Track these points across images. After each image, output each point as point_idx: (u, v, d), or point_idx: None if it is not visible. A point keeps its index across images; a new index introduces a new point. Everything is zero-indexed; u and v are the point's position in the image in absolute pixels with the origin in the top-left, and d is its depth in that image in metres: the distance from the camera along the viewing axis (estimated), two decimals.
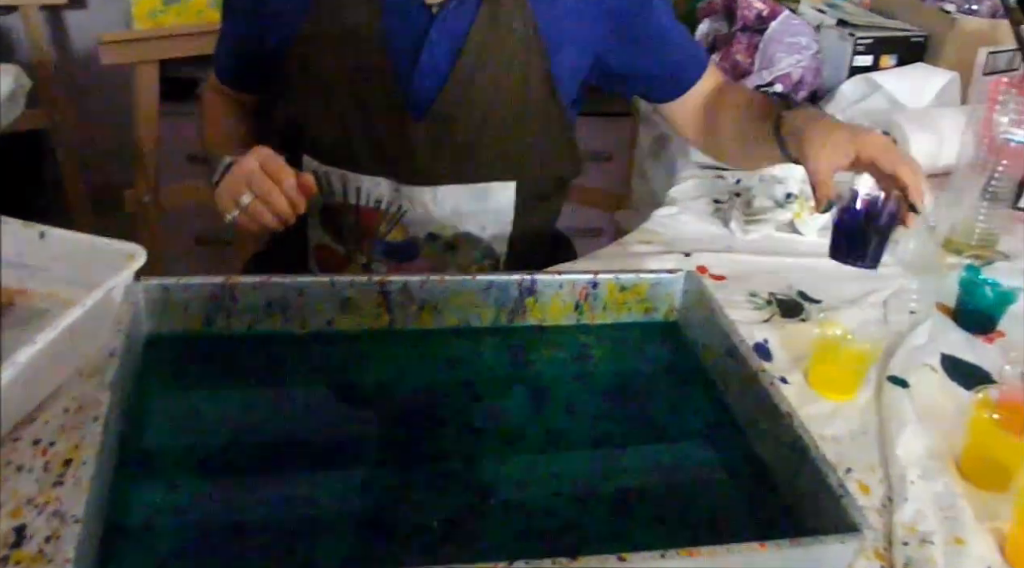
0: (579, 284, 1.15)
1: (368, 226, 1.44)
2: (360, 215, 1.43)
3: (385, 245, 1.45)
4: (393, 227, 1.43)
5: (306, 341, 1.12)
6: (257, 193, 1.26)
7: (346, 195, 1.42)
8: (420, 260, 1.46)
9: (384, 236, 1.44)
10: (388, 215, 1.42)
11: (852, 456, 1.10)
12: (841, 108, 1.95)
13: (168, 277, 1.09)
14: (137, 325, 1.07)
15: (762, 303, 1.38)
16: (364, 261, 1.48)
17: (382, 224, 1.43)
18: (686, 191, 1.70)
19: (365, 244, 1.46)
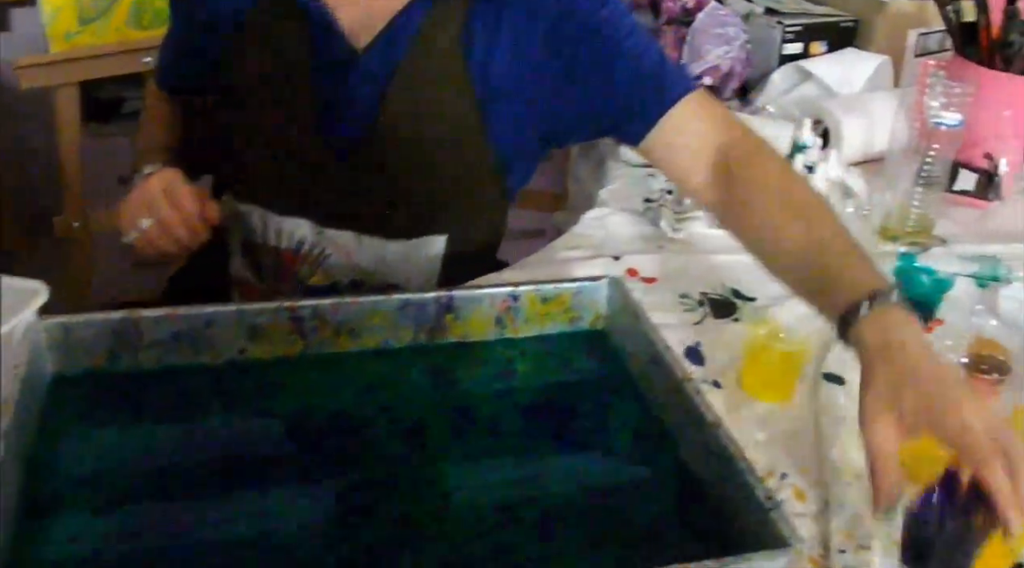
0: (499, 298, 1.11)
1: (288, 268, 1.37)
2: (280, 257, 1.37)
3: (305, 290, 1.38)
4: (314, 271, 1.37)
5: (218, 372, 1.07)
6: (156, 218, 1.21)
7: (266, 235, 1.36)
8: None
9: (305, 279, 1.37)
10: (309, 258, 1.35)
11: (787, 460, 1.07)
12: (772, 98, 1.93)
13: (70, 315, 1.04)
14: (39, 366, 1.02)
15: (694, 304, 1.35)
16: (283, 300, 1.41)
17: (303, 267, 1.37)
18: (616, 191, 1.66)
19: (285, 286, 1.39)
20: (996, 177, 1.71)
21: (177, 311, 1.05)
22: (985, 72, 1.69)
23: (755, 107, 1.92)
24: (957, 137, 1.62)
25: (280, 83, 1.28)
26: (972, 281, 1.47)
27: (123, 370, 1.06)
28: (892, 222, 1.60)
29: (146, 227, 1.22)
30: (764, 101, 1.92)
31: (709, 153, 1.22)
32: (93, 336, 1.05)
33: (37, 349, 1.02)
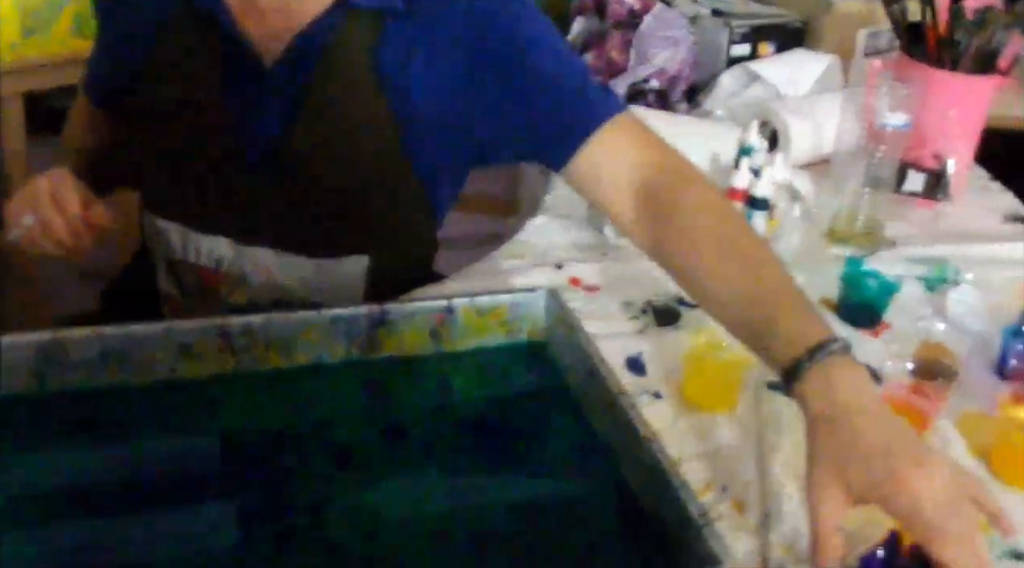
0: (434, 311, 1.09)
1: (209, 286, 1.34)
2: (200, 274, 1.33)
3: (228, 308, 1.34)
4: (235, 290, 1.33)
5: (149, 392, 1.05)
6: (39, 218, 1.19)
7: (186, 252, 1.32)
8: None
9: (226, 298, 1.34)
10: (229, 276, 1.32)
11: (728, 473, 1.06)
12: (721, 101, 1.92)
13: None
14: None
15: (637, 312, 1.33)
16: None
17: (223, 285, 1.33)
18: (561, 197, 1.64)
19: (208, 304, 1.36)
20: (945, 177, 1.70)
21: (104, 330, 1.02)
22: (932, 72, 1.68)
23: (703, 110, 1.91)
24: (904, 138, 1.61)
25: (191, 98, 1.24)
26: (920, 284, 1.47)
27: (50, 392, 1.04)
28: (840, 224, 1.59)
29: (28, 224, 1.20)
30: (712, 104, 1.91)
31: (634, 185, 1.16)
32: (18, 358, 1.02)
33: None
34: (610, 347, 1.22)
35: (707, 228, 1.10)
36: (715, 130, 1.72)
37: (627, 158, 1.17)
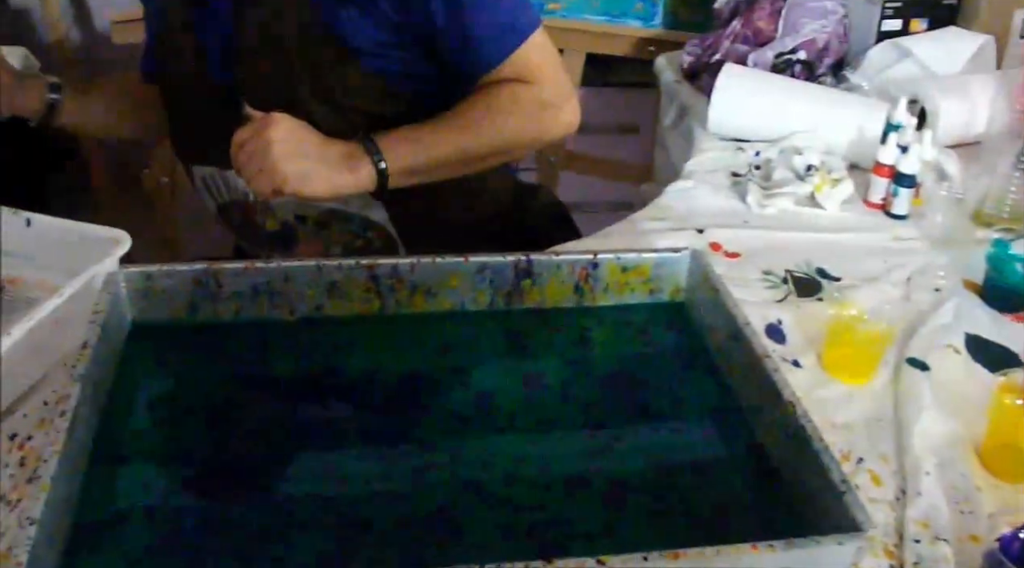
0: (579, 265, 1.10)
1: (250, 219, 1.41)
2: (243, 211, 1.41)
3: (268, 235, 1.42)
4: (266, 217, 1.39)
5: (295, 327, 1.08)
6: None
7: (227, 192, 1.40)
8: (302, 245, 1.41)
9: (263, 227, 1.41)
10: (258, 203, 1.38)
11: (865, 445, 1.05)
12: (869, 76, 1.88)
13: (151, 264, 1.05)
14: (119, 314, 1.04)
15: (777, 281, 1.32)
16: (260, 253, 1.46)
17: (258, 215, 1.40)
18: (703, 164, 1.63)
19: (254, 237, 1.44)
20: None
21: (256, 264, 1.05)
22: None
23: (850, 84, 1.87)
24: None
25: (173, 35, 1.34)
26: None
27: (201, 321, 1.07)
28: (987, 207, 1.55)
29: None
30: (859, 78, 1.87)
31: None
32: (174, 286, 1.06)
33: (118, 297, 1.03)
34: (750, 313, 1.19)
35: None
36: (861, 104, 1.68)
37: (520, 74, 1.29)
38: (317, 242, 1.41)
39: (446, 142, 1.26)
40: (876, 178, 1.54)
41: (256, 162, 1.17)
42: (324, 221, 1.38)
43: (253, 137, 1.17)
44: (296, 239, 1.41)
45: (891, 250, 1.44)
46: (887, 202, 1.53)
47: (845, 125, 1.65)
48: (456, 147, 1.27)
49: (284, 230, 1.40)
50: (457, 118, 1.27)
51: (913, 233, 1.49)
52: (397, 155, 1.23)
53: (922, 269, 1.39)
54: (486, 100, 1.28)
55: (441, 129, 1.26)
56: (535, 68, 1.30)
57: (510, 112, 1.28)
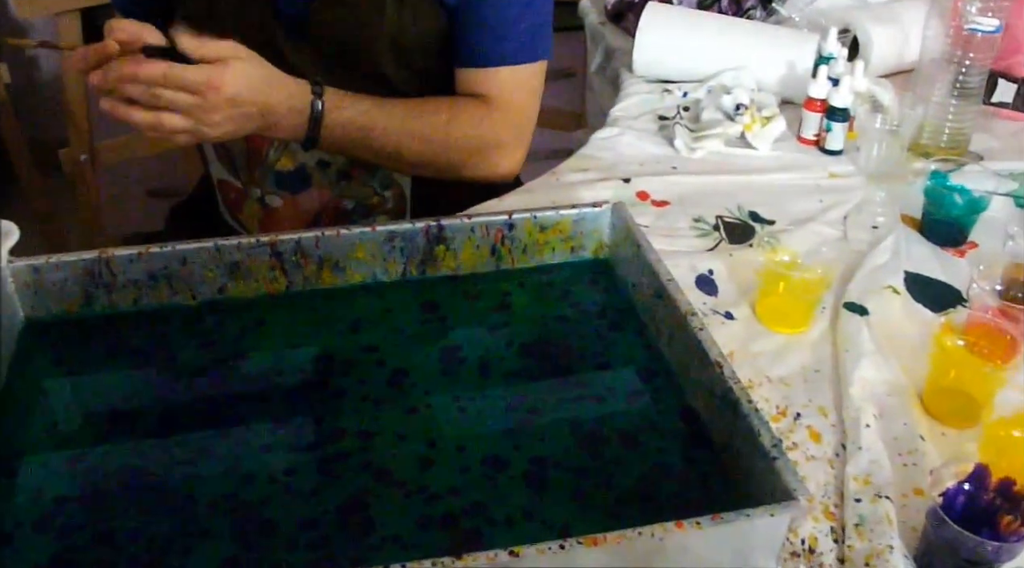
0: (493, 227, 1.04)
1: (257, 154, 1.34)
2: (249, 142, 1.33)
3: (276, 175, 1.35)
4: (281, 154, 1.33)
5: (197, 312, 1.02)
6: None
7: None
8: (313, 190, 1.35)
9: (273, 165, 1.34)
10: (275, 140, 1.32)
11: (803, 398, 1.00)
12: (799, 7, 1.82)
13: (39, 256, 0.98)
14: (9, 312, 0.97)
15: (708, 229, 1.26)
16: (259, 194, 1.38)
17: (270, 151, 1.33)
18: (629, 109, 1.57)
19: (257, 174, 1.36)
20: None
21: (151, 249, 0.99)
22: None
23: (780, 16, 1.81)
24: (995, 44, 1.51)
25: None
26: (1009, 200, 1.38)
27: (98, 313, 1.01)
28: (924, 137, 1.50)
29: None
30: (789, 10, 1.81)
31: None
32: (65, 279, 0.99)
33: (6, 295, 0.96)
34: (679, 265, 1.16)
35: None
36: (791, 37, 1.62)
37: (497, 95, 1.28)
38: (329, 191, 1.36)
39: (393, 122, 1.23)
40: (808, 113, 1.48)
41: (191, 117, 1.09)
42: (346, 171, 1.34)
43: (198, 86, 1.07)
44: (307, 184, 1.35)
45: (826, 188, 1.39)
46: (820, 138, 1.48)
47: (775, 60, 1.59)
48: (400, 134, 1.23)
49: (298, 171, 1.34)
50: (415, 109, 1.25)
51: (849, 169, 1.44)
52: (338, 106, 1.19)
53: (859, 206, 1.35)
54: (452, 109, 1.27)
55: (396, 109, 1.23)
56: (512, 98, 1.30)
57: (464, 133, 1.27)
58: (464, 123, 1.26)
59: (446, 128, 1.25)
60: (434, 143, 1.25)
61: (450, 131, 1.25)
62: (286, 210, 1.38)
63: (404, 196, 1.38)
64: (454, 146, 1.26)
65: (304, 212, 1.37)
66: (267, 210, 1.39)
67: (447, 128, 1.25)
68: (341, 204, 1.37)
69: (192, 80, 1.07)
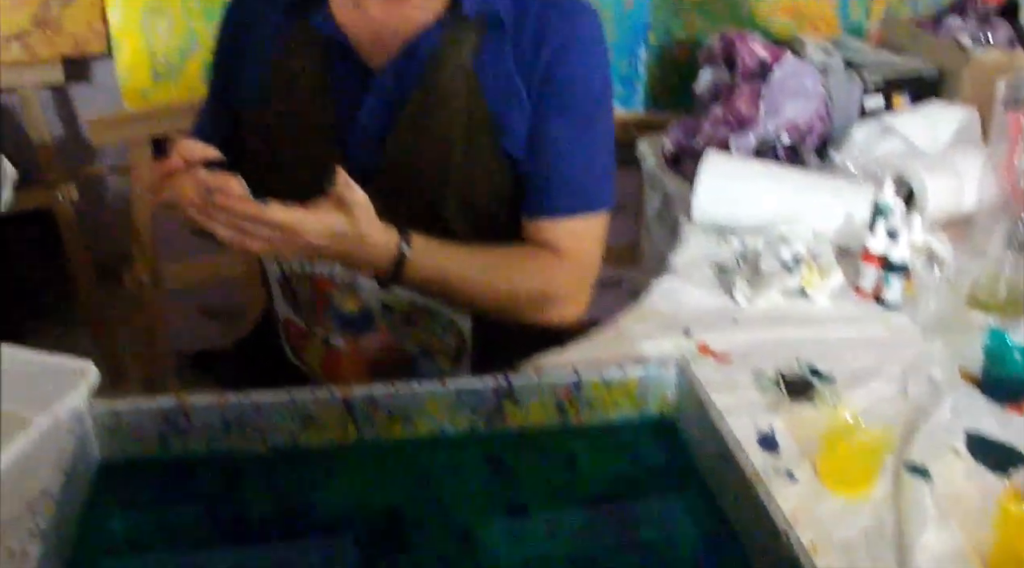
0: (560, 385, 1.07)
1: (323, 296, 1.38)
2: (314, 284, 1.37)
3: (340, 317, 1.39)
4: (346, 298, 1.36)
5: (268, 459, 1.04)
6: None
7: (300, 263, 1.37)
8: (376, 333, 1.38)
9: (338, 307, 1.38)
10: (341, 285, 1.35)
11: (866, 563, 1.00)
12: (854, 155, 1.85)
13: (119, 400, 1.02)
14: (86, 453, 1.00)
15: (769, 384, 1.28)
16: (322, 335, 1.41)
17: (336, 293, 1.37)
18: (688, 257, 1.60)
19: (322, 316, 1.40)
20: None
21: (228, 398, 1.02)
22: None
23: (835, 164, 1.84)
24: None
25: (302, 110, 1.32)
26: None
27: (172, 456, 1.03)
28: (981, 290, 1.52)
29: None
30: (844, 158, 1.85)
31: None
32: (142, 422, 1.02)
33: (84, 436, 1.00)
34: (741, 420, 1.18)
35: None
36: (847, 188, 1.66)
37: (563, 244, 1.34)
38: (392, 334, 1.39)
39: (468, 271, 1.28)
40: (866, 266, 1.50)
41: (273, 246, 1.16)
42: (409, 315, 1.37)
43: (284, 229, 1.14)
44: (371, 327, 1.39)
45: (884, 342, 1.40)
46: (878, 290, 1.50)
47: (832, 210, 1.62)
48: (474, 282, 1.29)
49: (362, 314, 1.38)
50: (489, 258, 1.31)
51: (906, 322, 1.45)
52: (423, 253, 1.24)
53: (917, 361, 1.35)
54: (523, 259, 1.34)
55: (473, 258, 1.30)
56: (579, 248, 1.36)
57: (534, 284, 1.33)
58: (534, 274, 1.32)
59: (517, 278, 1.30)
60: (505, 292, 1.30)
61: (521, 281, 1.31)
62: (349, 352, 1.41)
63: (464, 340, 1.40)
64: (524, 295, 1.31)
65: (367, 354, 1.40)
66: (330, 351, 1.42)
67: (518, 278, 1.30)
68: (403, 347, 1.39)
69: (278, 220, 1.12)
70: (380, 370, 1.41)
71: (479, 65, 1.30)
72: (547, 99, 1.32)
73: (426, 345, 1.39)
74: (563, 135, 1.33)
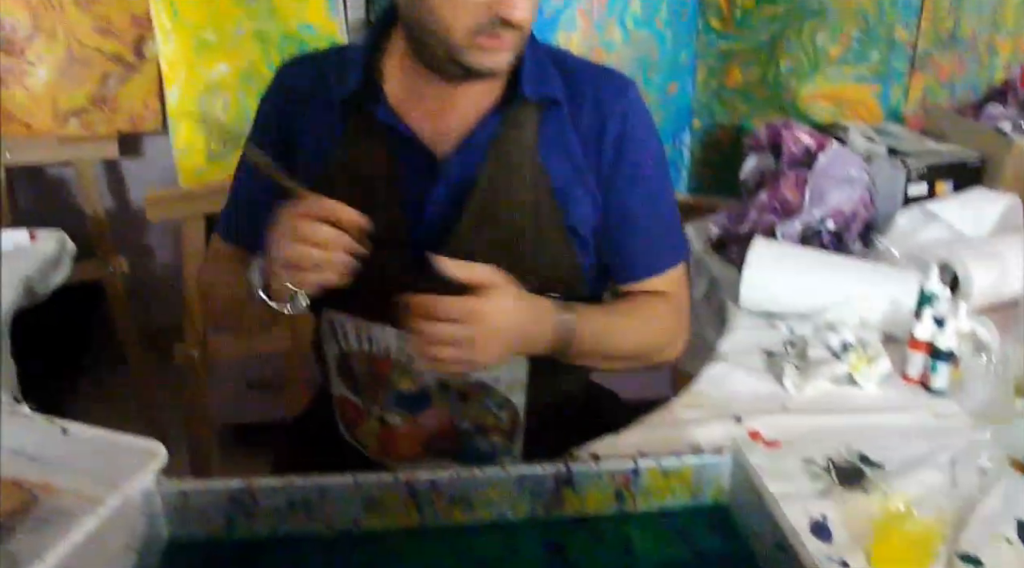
0: (619, 472, 1.09)
1: (380, 375, 1.40)
2: (372, 363, 1.40)
3: (397, 395, 1.41)
4: (403, 377, 1.39)
5: (332, 543, 1.06)
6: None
7: (359, 343, 1.39)
8: (433, 410, 1.41)
9: (396, 385, 1.40)
10: (399, 364, 1.38)
11: None
12: (897, 241, 1.88)
13: (186, 480, 1.05)
14: (155, 532, 1.03)
15: (820, 471, 1.29)
16: (378, 413, 1.43)
17: (394, 373, 1.39)
18: (736, 343, 1.63)
19: (379, 394, 1.42)
20: None
21: (294, 481, 1.05)
22: None
23: (879, 250, 1.87)
24: None
25: (367, 200, 1.30)
26: None
27: (238, 537, 1.06)
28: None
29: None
30: (889, 244, 1.88)
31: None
32: (209, 503, 1.05)
33: (154, 516, 1.02)
34: (793, 508, 1.18)
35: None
36: (893, 275, 1.68)
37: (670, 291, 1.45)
38: (448, 411, 1.41)
39: (626, 329, 1.38)
40: (913, 353, 1.52)
41: (463, 348, 1.17)
42: (465, 392, 1.40)
43: (466, 316, 1.16)
44: (427, 404, 1.41)
45: (933, 429, 1.41)
46: (926, 377, 1.51)
47: (878, 297, 1.64)
48: (630, 338, 1.38)
49: (419, 393, 1.40)
50: (628, 310, 1.41)
51: (954, 409, 1.47)
52: (584, 318, 1.31)
53: (966, 449, 1.36)
54: (650, 307, 1.42)
55: (618, 314, 1.40)
56: (681, 293, 1.47)
57: (662, 328, 1.43)
58: (662, 318, 1.42)
59: (654, 325, 1.41)
60: (643, 340, 1.39)
61: (656, 327, 1.41)
62: (405, 429, 1.43)
63: (518, 416, 1.42)
64: (656, 340, 1.42)
65: (423, 432, 1.43)
66: (385, 429, 1.44)
67: (655, 325, 1.41)
68: (458, 424, 1.42)
69: (458, 310, 1.16)
70: (435, 448, 1.43)
71: (542, 147, 1.35)
72: (622, 170, 1.38)
73: (481, 422, 1.42)
74: (646, 199, 1.41)
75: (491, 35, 1.23)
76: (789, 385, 1.48)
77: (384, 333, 1.37)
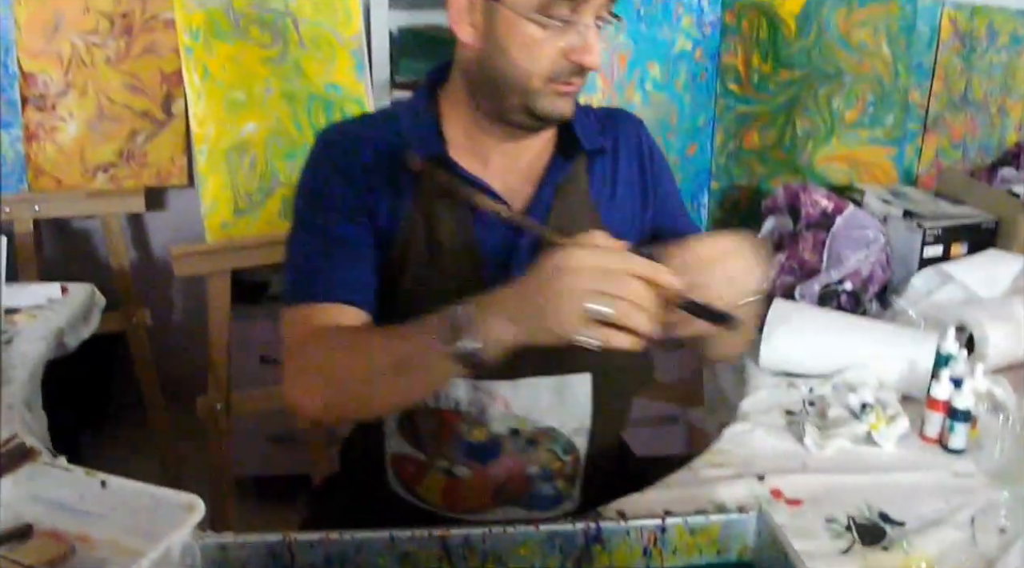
0: (647, 529, 1.12)
1: (449, 429, 1.42)
2: (440, 418, 1.41)
3: (467, 446, 1.42)
4: (474, 428, 1.41)
5: None
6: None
7: (425, 399, 1.39)
8: (503, 458, 1.43)
9: (465, 436, 1.42)
10: (469, 416, 1.40)
11: None
12: (913, 301, 1.91)
13: (225, 534, 1.07)
14: None
15: (841, 529, 1.32)
16: (445, 466, 1.44)
17: (462, 425, 1.41)
18: (757, 403, 1.66)
19: (446, 448, 1.43)
20: None
21: (331, 536, 1.07)
22: None
23: (896, 311, 1.90)
24: None
25: (447, 258, 1.37)
26: None
27: None
28: None
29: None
30: (905, 304, 1.91)
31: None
32: (248, 557, 1.07)
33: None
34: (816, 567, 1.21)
35: None
36: (910, 336, 1.71)
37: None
38: (519, 459, 1.44)
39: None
40: (931, 413, 1.55)
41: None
42: (534, 438, 1.43)
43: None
44: (498, 453, 1.43)
45: (951, 488, 1.44)
46: (943, 437, 1.54)
47: (896, 358, 1.67)
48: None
49: (490, 443, 1.42)
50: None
51: (972, 468, 1.49)
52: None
53: (985, 507, 1.39)
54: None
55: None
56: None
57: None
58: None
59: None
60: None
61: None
62: (474, 480, 1.44)
63: (579, 460, 1.46)
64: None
65: (492, 481, 1.44)
66: (452, 481, 1.45)
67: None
68: (526, 470, 1.44)
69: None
70: (503, 496, 1.46)
71: (594, 190, 1.45)
72: (663, 196, 1.51)
73: (547, 466, 1.45)
74: (684, 212, 1.57)
75: (566, 81, 1.29)
76: (810, 444, 1.51)
77: (454, 386, 1.39)
